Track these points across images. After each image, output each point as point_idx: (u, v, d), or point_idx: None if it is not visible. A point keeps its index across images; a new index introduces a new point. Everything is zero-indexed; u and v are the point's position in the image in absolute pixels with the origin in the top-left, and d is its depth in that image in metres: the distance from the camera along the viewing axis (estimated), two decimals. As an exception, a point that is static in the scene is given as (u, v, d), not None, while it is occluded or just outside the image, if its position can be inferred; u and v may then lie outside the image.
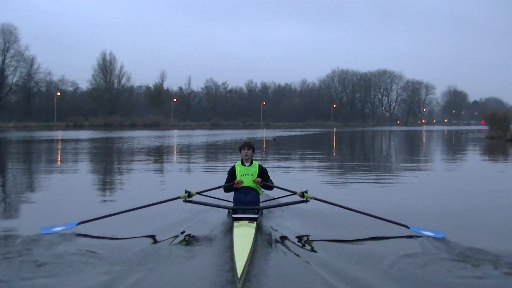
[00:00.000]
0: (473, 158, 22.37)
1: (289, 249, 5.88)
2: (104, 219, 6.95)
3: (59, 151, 24.28)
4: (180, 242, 6.27)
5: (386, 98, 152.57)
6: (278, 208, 7.97)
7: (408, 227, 6.84)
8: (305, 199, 7.18)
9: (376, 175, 14.53)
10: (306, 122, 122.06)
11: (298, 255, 5.63)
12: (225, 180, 7.76)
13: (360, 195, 10.45)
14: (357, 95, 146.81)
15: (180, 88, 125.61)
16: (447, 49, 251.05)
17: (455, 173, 15.35)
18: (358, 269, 5.16)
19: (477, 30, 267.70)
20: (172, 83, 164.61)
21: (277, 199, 8.26)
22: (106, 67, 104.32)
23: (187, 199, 7.16)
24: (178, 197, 7.20)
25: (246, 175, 7.50)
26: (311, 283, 4.74)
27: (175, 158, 20.66)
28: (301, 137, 47.34)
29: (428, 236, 6.52)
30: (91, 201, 9.56)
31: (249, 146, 7.68)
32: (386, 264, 5.28)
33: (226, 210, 7.34)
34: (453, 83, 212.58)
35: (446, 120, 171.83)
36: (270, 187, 7.79)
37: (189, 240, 6.36)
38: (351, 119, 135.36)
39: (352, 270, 5.10)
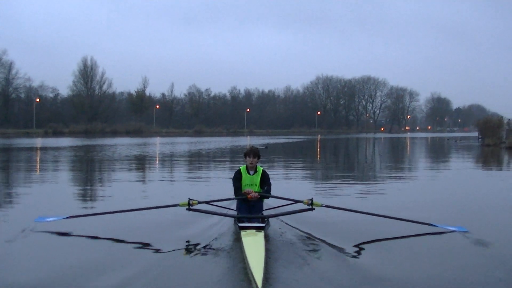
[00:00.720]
0: (486, 169, 20.65)
1: (301, 256, 5.73)
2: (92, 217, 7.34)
3: (37, 160, 22.83)
4: (186, 252, 6.02)
5: (371, 105, 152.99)
6: (283, 216, 7.57)
7: (432, 225, 7.12)
8: (310, 207, 6.92)
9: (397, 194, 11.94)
10: (291, 129, 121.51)
11: (310, 262, 5.52)
12: (233, 188, 7.51)
13: (377, 202, 10.13)
14: (341, 102, 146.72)
15: (163, 95, 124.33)
16: (429, 56, 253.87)
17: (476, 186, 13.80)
18: (387, 270, 5.28)
19: (459, 37, 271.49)
20: (155, 90, 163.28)
21: (283, 207, 7.81)
22: (87, 72, 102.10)
23: (190, 207, 6.92)
24: (177, 205, 7.08)
25: (251, 185, 7.38)
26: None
27: (157, 169, 19.34)
28: (290, 144, 46.21)
29: (453, 231, 6.97)
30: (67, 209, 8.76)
31: (255, 154, 7.45)
32: (425, 262, 5.52)
33: (229, 218, 7.28)
34: (436, 90, 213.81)
35: (429, 127, 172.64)
36: (266, 197, 7.49)
37: (196, 250, 6.06)
38: (335, 126, 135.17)
39: (380, 271, 5.20)
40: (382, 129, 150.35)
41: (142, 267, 5.30)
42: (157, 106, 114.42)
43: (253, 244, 5.65)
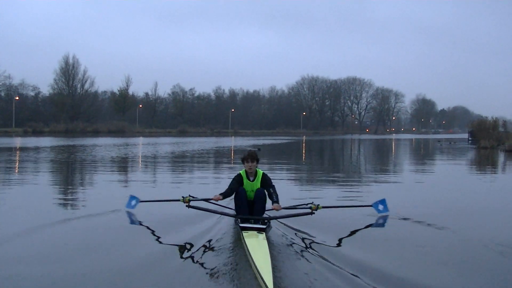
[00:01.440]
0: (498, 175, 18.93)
1: (304, 256, 5.73)
2: None
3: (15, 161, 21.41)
4: (186, 249, 6.02)
5: (356, 106, 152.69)
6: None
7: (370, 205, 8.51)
8: (310, 211, 6.96)
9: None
10: (276, 129, 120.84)
11: (316, 260, 5.56)
12: (228, 188, 7.22)
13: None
14: (327, 103, 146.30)
15: (146, 94, 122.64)
16: (415, 57, 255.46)
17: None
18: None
19: (444, 39, 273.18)
20: (138, 89, 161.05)
21: (284, 210, 7.50)
22: (68, 71, 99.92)
23: (190, 204, 7.00)
24: (179, 200, 7.23)
25: (252, 191, 7.21)
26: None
27: (139, 170, 18.12)
28: (280, 145, 44.65)
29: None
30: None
31: (253, 158, 7.21)
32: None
33: (226, 217, 7.37)
34: (421, 91, 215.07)
35: (414, 129, 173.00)
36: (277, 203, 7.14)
37: (197, 248, 6.03)
38: (320, 127, 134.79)
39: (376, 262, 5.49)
40: (367, 130, 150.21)
41: (145, 262, 5.39)
42: (140, 106, 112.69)
43: (257, 246, 5.58)
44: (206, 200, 7.72)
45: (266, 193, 7.17)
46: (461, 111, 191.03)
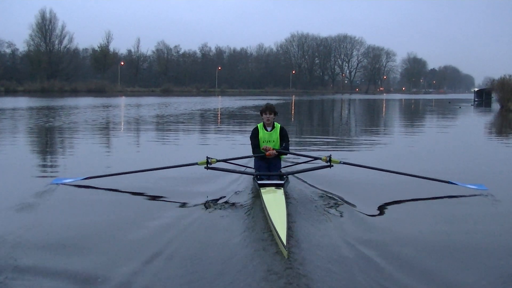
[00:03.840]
0: None
1: (321, 213, 5.91)
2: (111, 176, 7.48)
3: None
4: (207, 209, 6.18)
5: (347, 65, 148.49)
6: (302, 173, 7.57)
7: (450, 182, 7.13)
8: (329, 163, 6.89)
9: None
10: (264, 89, 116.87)
11: (331, 219, 5.66)
12: (251, 146, 7.51)
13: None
14: (317, 61, 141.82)
15: (129, 51, 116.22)
16: (405, 16, 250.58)
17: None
18: (407, 229, 5.43)
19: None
20: (120, 46, 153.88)
21: (300, 164, 8.32)
22: (45, 26, 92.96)
23: (208, 166, 6.99)
24: (196, 163, 7.12)
25: (269, 142, 7.39)
26: (352, 244, 4.76)
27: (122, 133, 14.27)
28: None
29: (472, 189, 7.13)
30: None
31: (271, 110, 7.38)
32: (445, 223, 5.65)
33: (246, 176, 7.66)
34: (413, 50, 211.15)
35: (404, 88, 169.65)
36: (285, 153, 7.58)
37: (217, 207, 6.26)
38: (310, 86, 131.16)
39: (400, 231, 5.35)
40: (357, 90, 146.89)
41: (170, 220, 5.59)
42: (122, 63, 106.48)
43: (274, 201, 5.63)
44: (234, 159, 7.74)
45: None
46: (452, 71, 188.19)
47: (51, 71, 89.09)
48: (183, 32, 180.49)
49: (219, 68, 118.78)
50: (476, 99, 55.68)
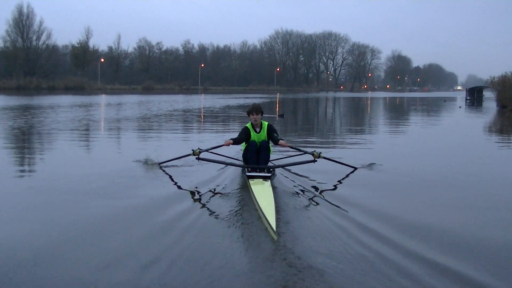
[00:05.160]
0: None
1: (309, 202, 6.27)
2: None
3: None
4: (198, 195, 6.57)
5: (332, 62, 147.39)
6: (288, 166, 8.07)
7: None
8: (313, 159, 7.39)
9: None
10: (248, 86, 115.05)
11: (318, 205, 6.09)
12: (237, 137, 7.70)
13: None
14: (301, 59, 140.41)
15: (110, 48, 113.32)
16: (391, 13, 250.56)
17: None
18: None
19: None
20: (100, 42, 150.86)
21: (287, 158, 8.94)
22: (22, 21, 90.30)
23: (199, 157, 7.46)
24: (191, 154, 7.73)
25: (259, 142, 7.62)
26: (339, 228, 5.07)
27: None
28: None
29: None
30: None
31: (257, 110, 7.68)
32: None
33: (234, 167, 8.04)
34: (397, 48, 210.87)
35: (388, 86, 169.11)
36: (276, 140, 7.64)
37: (207, 193, 6.62)
38: (295, 84, 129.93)
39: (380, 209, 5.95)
40: (342, 87, 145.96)
41: (162, 217, 5.49)
42: (102, 60, 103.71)
43: (262, 191, 5.92)
44: (217, 147, 8.15)
45: (271, 138, 7.67)
46: (436, 69, 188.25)
47: (28, 68, 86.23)
48: (165, 29, 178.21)
49: (202, 65, 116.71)
50: (468, 98, 54.49)
